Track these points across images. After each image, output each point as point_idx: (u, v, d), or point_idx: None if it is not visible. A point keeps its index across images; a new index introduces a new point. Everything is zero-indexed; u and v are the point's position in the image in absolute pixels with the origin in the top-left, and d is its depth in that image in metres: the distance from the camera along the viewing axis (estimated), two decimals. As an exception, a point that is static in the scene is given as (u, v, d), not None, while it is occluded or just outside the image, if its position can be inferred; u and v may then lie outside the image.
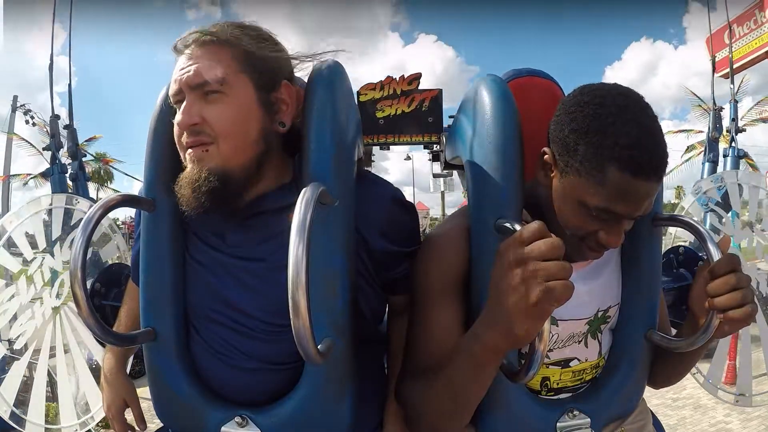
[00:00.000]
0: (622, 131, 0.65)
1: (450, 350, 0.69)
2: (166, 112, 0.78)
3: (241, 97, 0.72)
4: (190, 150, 0.72)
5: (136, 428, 1.04)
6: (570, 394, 0.85)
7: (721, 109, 4.80)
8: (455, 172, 1.77)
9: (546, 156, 0.74)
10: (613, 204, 0.67)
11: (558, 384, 0.84)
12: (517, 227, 0.65)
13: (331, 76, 0.78)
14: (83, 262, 0.69)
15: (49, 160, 3.67)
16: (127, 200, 0.78)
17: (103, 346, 1.20)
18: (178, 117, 0.71)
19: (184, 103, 0.71)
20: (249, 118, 0.73)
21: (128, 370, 1.08)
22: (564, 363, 0.84)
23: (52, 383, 1.33)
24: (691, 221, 0.79)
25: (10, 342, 1.30)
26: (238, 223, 0.79)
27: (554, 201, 0.74)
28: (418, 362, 0.79)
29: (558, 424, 0.80)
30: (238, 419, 0.77)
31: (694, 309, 0.77)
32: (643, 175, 0.65)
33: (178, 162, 0.77)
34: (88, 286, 1.00)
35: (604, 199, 0.67)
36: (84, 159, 3.85)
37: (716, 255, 0.71)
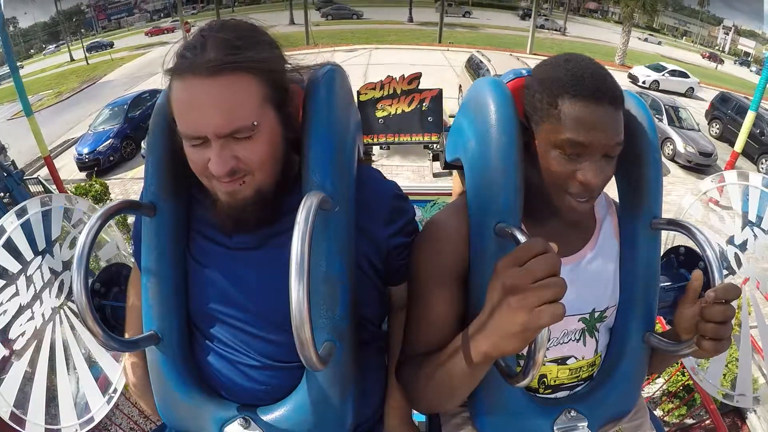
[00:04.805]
0: (568, 69, 0.72)
1: (447, 339, 0.74)
2: (167, 118, 0.77)
3: (269, 128, 0.71)
4: (225, 186, 0.71)
5: None
6: (567, 392, 0.85)
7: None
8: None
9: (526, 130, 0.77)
10: (575, 134, 0.69)
11: (555, 381, 0.85)
12: (517, 233, 0.65)
13: (330, 82, 0.78)
14: (86, 276, 0.68)
15: None
16: (127, 206, 0.77)
17: (107, 349, 1.21)
18: (213, 167, 0.68)
19: (214, 151, 0.67)
20: (277, 142, 0.73)
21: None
22: (561, 360, 0.84)
23: (51, 383, 1.33)
24: (691, 227, 0.77)
25: (10, 342, 1.30)
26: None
27: (539, 161, 0.75)
28: (417, 347, 0.82)
29: (555, 425, 0.80)
30: (240, 421, 0.77)
31: (681, 323, 0.76)
32: (593, 98, 0.69)
33: (179, 166, 0.77)
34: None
35: (567, 130, 0.70)
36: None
37: (716, 266, 0.71)
